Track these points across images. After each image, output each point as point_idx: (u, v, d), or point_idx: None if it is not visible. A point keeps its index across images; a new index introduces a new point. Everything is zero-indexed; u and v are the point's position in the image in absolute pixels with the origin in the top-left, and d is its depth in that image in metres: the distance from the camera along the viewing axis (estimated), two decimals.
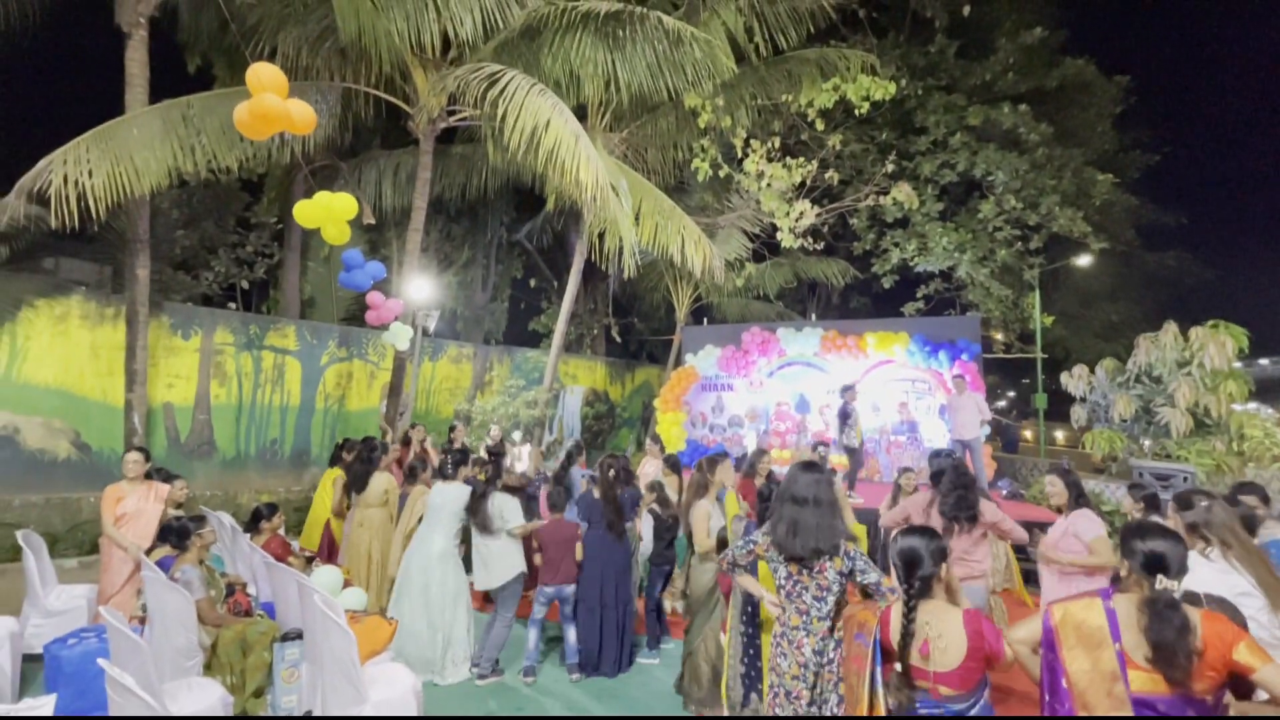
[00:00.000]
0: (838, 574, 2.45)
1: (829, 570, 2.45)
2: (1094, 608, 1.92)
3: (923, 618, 2.08)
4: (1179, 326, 8.03)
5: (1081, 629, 1.90)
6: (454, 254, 13.98)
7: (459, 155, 11.02)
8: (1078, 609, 1.94)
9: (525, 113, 6.14)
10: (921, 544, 2.14)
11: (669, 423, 11.47)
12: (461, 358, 11.99)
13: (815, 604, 2.45)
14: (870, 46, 11.78)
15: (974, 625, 2.04)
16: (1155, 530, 1.93)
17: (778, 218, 10.61)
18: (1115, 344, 12.85)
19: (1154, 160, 14.99)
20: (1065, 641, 1.91)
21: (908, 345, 10.69)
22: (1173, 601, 1.80)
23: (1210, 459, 7.43)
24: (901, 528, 2.30)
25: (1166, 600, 1.80)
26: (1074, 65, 13.21)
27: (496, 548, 4.22)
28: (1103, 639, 1.87)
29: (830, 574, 2.45)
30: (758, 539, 2.64)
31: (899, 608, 2.14)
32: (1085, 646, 1.89)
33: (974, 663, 2.03)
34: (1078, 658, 1.89)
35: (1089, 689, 1.86)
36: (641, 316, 17.40)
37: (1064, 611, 1.95)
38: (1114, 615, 1.88)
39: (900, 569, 2.14)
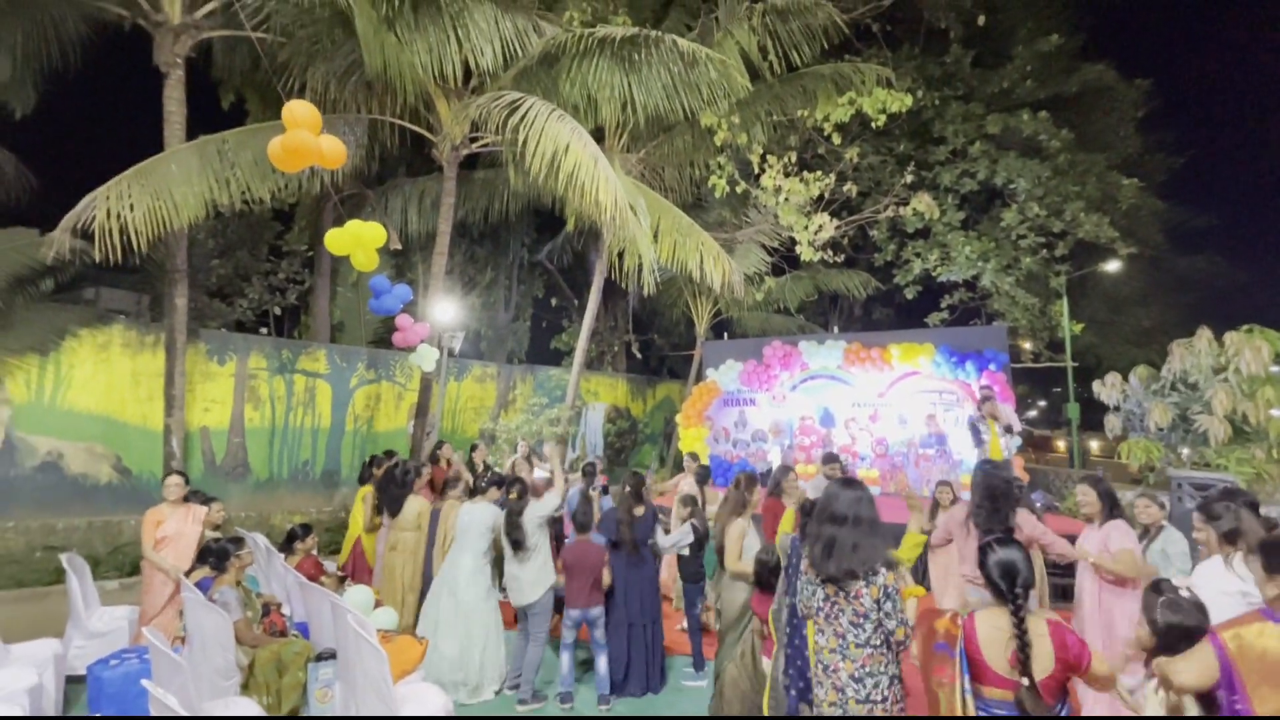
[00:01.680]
0: (874, 601, 2.34)
1: (865, 596, 2.35)
2: (1269, 632, 1.70)
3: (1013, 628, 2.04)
4: (1213, 331, 7.82)
5: (1265, 660, 1.67)
6: (477, 276, 14.23)
7: (481, 180, 11.28)
8: (1252, 635, 1.72)
9: (545, 138, 6.30)
10: (1018, 555, 2.13)
11: (692, 438, 11.44)
12: (485, 377, 12.14)
13: (852, 629, 2.35)
14: (885, 59, 11.84)
15: (1059, 636, 2.01)
16: None
17: (796, 231, 10.64)
18: (1148, 350, 12.53)
19: (1179, 162, 14.75)
20: (1248, 678, 1.67)
21: (933, 356, 10.54)
22: None
23: (1250, 467, 7.18)
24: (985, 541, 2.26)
25: None
26: (1093, 70, 13.09)
27: (531, 564, 4.26)
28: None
29: (867, 600, 2.34)
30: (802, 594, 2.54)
31: (987, 617, 2.11)
32: (1272, 682, 1.64)
33: (1059, 673, 1.99)
34: (1266, 696, 1.64)
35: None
36: (661, 332, 17.46)
37: (1238, 640, 1.74)
38: None
39: (1002, 581, 2.11)
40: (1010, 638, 2.01)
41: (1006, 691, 2.01)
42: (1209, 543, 2.76)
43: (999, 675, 2.02)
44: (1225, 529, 2.60)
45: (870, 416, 10.84)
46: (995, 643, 2.05)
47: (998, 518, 3.48)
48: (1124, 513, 3.49)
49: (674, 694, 4.34)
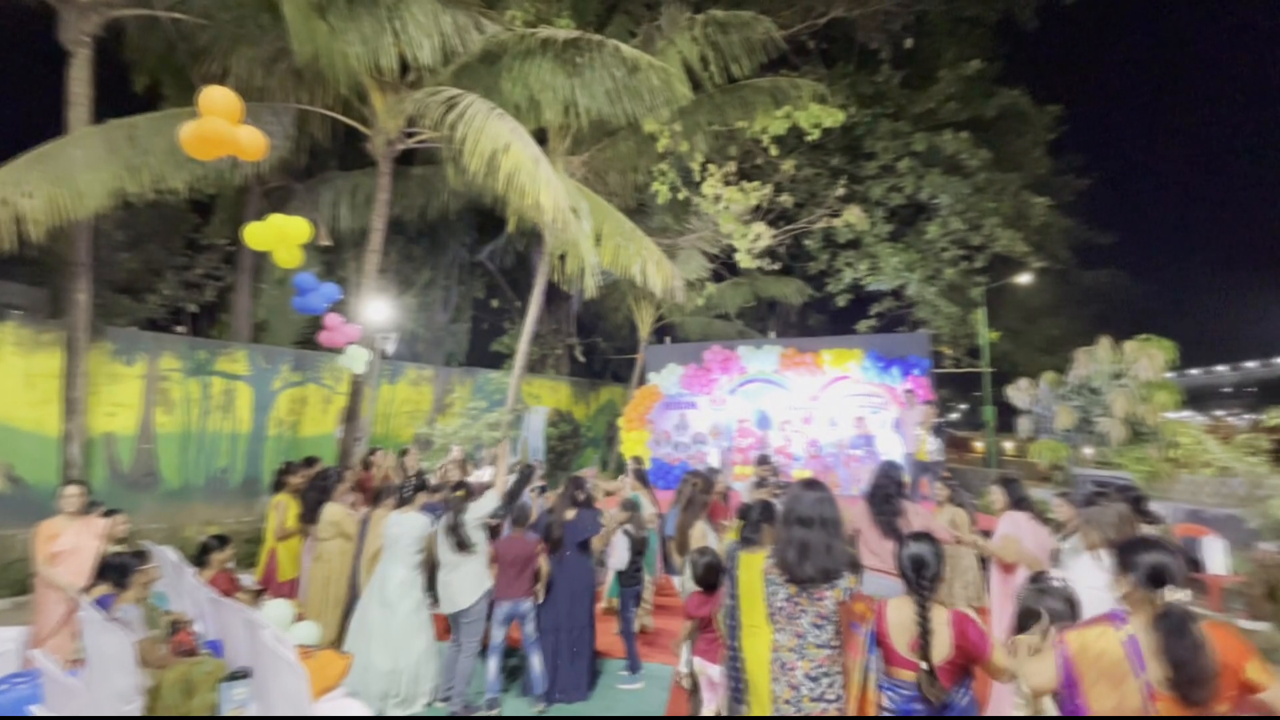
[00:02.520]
0: (837, 603, 2.42)
1: (829, 599, 2.42)
2: (1108, 636, 1.80)
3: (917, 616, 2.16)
4: (1113, 340, 8.52)
5: (1102, 661, 1.76)
6: (414, 275, 13.82)
7: (418, 176, 10.97)
8: (1094, 638, 1.82)
9: (485, 136, 6.20)
10: (928, 550, 2.25)
11: (633, 441, 11.50)
12: (421, 380, 11.80)
13: (813, 630, 2.41)
14: (820, 76, 12.27)
15: (960, 625, 2.13)
16: (1151, 542, 1.89)
17: (735, 239, 10.89)
18: (1057, 357, 13.50)
19: (1085, 184, 15.95)
20: (1085, 677, 1.77)
21: (862, 361, 11.01)
22: (1184, 614, 1.70)
23: (1146, 465, 7.86)
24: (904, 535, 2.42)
25: (1178, 614, 1.70)
26: (1009, 95, 13.99)
27: (467, 568, 4.16)
28: (1124, 672, 1.73)
29: (830, 603, 2.42)
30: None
31: (898, 604, 2.24)
32: (1108, 682, 1.74)
33: (959, 659, 2.12)
34: (1101, 695, 1.74)
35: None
36: (605, 336, 17.46)
37: (1081, 641, 1.84)
38: (1135, 644, 1.75)
39: (912, 573, 2.23)
40: (914, 624, 2.14)
41: (909, 673, 2.15)
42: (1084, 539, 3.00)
43: (903, 658, 2.16)
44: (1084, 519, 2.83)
45: (804, 419, 11.19)
46: (901, 628, 2.19)
47: (886, 513, 3.72)
48: (1029, 507, 3.75)
49: (609, 698, 4.33)
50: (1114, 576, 1.88)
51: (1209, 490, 7.68)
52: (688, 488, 4.35)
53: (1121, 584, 1.85)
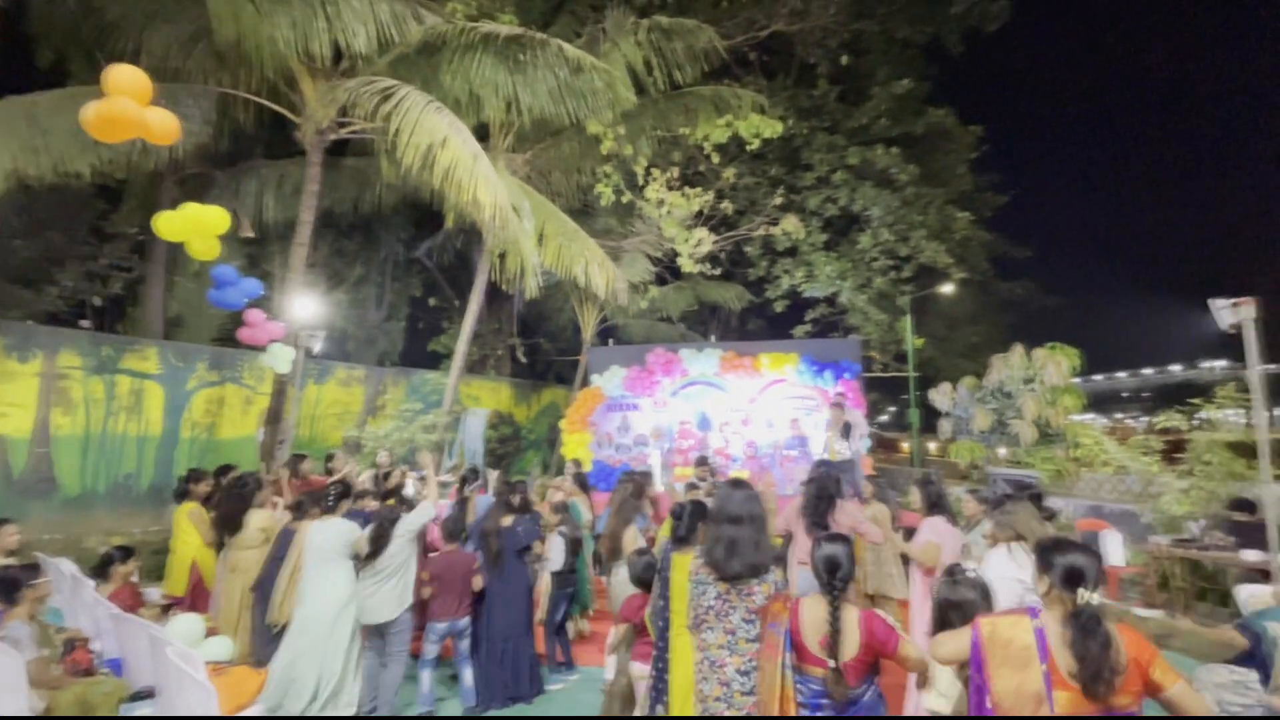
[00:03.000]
0: (766, 598, 2.46)
1: (759, 594, 2.46)
2: (1022, 625, 1.91)
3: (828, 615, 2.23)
4: (1025, 347, 9.12)
5: (1010, 647, 1.87)
6: (345, 271, 13.29)
7: (351, 168, 10.56)
8: (1006, 626, 1.92)
9: (421, 129, 6.04)
10: (841, 551, 2.32)
11: (575, 443, 11.43)
12: (351, 380, 11.35)
13: (744, 625, 2.45)
14: (761, 87, 12.60)
15: (867, 623, 2.22)
16: (1070, 544, 1.96)
17: (678, 244, 11.03)
18: (976, 363, 14.34)
19: (1003, 201, 16.99)
20: (992, 659, 1.88)
21: (797, 365, 11.35)
22: (1096, 615, 1.80)
23: (1052, 465, 8.45)
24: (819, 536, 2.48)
25: (1090, 614, 1.81)
26: (937, 114, 14.77)
27: (393, 580, 4.01)
28: (1030, 658, 1.84)
29: (759, 597, 2.46)
30: None
31: (811, 604, 2.30)
32: (1012, 666, 1.85)
33: (866, 656, 2.20)
34: (1004, 677, 1.85)
35: (1014, 708, 1.82)
36: (548, 337, 17.29)
37: (993, 627, 1.93)
38: (1042, 634, 1.87)
39: (825, 573, 2.29)
40: (825, 622, 2.22)
41: (819, 669, 2.22)
42: (996, 534, 3.21)
43: (814, 655, 2.24)
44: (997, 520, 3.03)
45: (743, 421, 11.42)
46: (814, 626, 2.26)
47: (820, 513, 3.88)
48: (945, 509, 3.97)
49: (545, 701, 4.30)
50: (1034, 575, 1.98)
51: (1108, 487, 8.34)
52: (621, 491, 4.36)
53: (1040, 583, 1.95)
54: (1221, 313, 4.96)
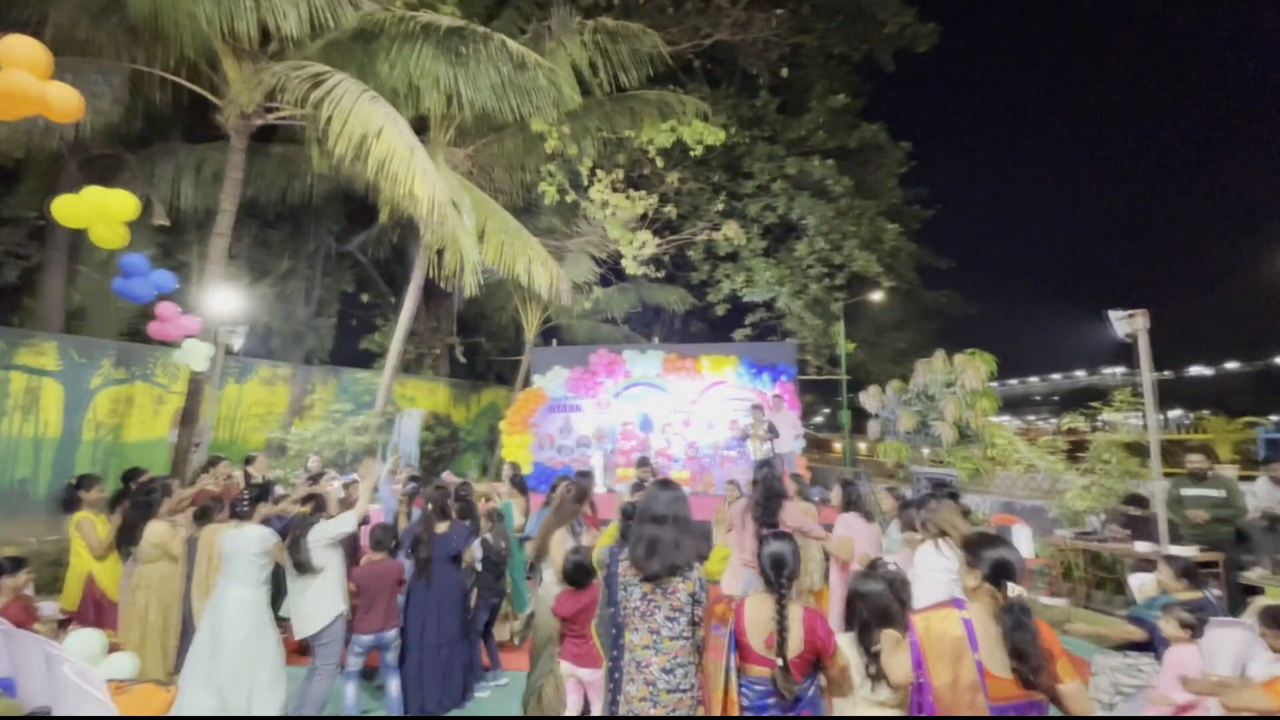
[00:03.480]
0: (689, 595, 2.46)
1: (681, 591, 2.46)
2: (952, 618, 1.96)
3: (774, 613, 2.25)
4: (947, 353, 9.65)
5: (944, 641, 1.93)
6: (271, 263, 12.60)
7: (278, 156, 10.04)
8: (938, 620, 1.98)
9: (354, 118, 5.81)
10: (787, 549, 2.35)
11: (515, 445, 11.27)
12: (276, 379, 10.78)
13: (667, 624, 2.45)
14: (705, 95, 12.83)
15: (810, 621, 2.25)
16: (998, 540, 2.02)
17: (622, 245, 11.07)
18: (903, 367, 15.07)
19: (929, 214, 17.95)
20: (930, 655, 1.93)
21: (737, 367, 11.61)
22: (1026, 607, 1.87)
23: (970, 463, 8.97)
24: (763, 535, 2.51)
25: (1021, 606, 1.87)
26: (870, 129, 15.46)
27: (316, 589, 3.84)
28: (963, 650, 1.89)
29: (683, 595, 2.46)
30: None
31: (755, 602, 2.32)
32: (947, 660, 1.90)
33: (808, 654, 2.24)
34: (941, 672, 1.90)
35: (953, 704, 1.88)
36: (489, 336, 16.96)
37: (926, 624, 1.99)
38: (970, 625, 1.92)
39: (771, 571, 2.31)
40: (770, 621, 2.25)
41: (764, 669, 2.25)
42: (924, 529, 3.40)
43: (758, 655, 2.26)
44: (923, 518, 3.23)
45: (684, 422, 11.57)
46: (758, 625, 2.29)
47: (768, 512, 3.99)
48: (860, 507, 4.17)
49: (472, 708, 4.22)
50: (963, 569, 2.06)
51: (1020, 485, 8.92)
52: (558, 492, 4.34)
53: (970, 576, 2.00)
54: (1118, 323, 5.41)
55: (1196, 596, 3.44)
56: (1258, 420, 9.95)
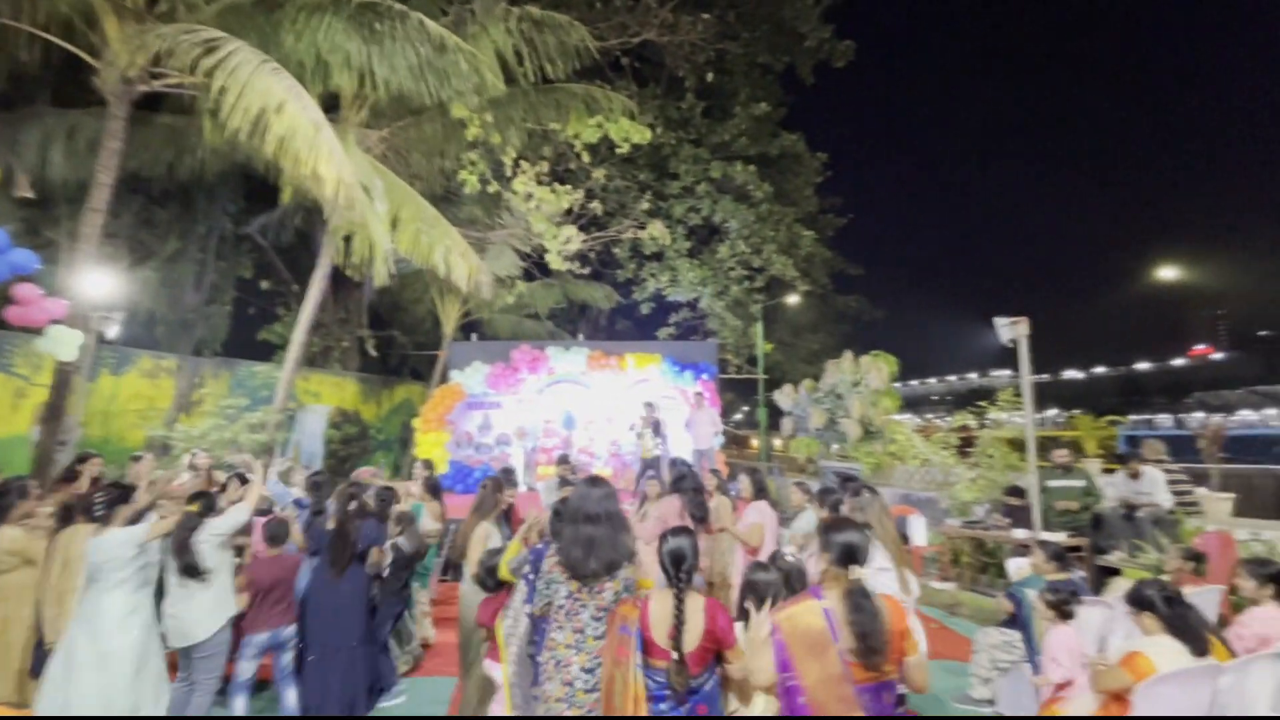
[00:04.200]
0: (615, 594, 2.44)
1: (609, 590, 2.44)
2: (813, 610, 1.97)
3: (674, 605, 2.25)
4: (854, 355, 10.17)
5: (809, 635, 1.94)
6: (155, 244, 11.49)
7: (166, 126, 9.16)
8: (801, 613, 1.99)
9: (252, 90, 5.38)
10: (687, 543, 2.37)
11: (430, 443, 10.86)
12: (160, 371, 9.87)
13: (592, 623, 2.41)
14: (632, 93, 12.86)
15: (711, 611, 2.27)
16: (847, 524, 2.10)
17: (546, 240, 10.90)
18: (816, 367, 15.76)
19: (842, 223, 18.87)
20: (796, 653, 1.93)
21: (661, 365, 11.75)
22: (865, 590, 1.93)
23: (873, 458, 9.50)
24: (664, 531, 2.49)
25: (860, 589, 1.93)
26: (790, 138, 16.05)
27: (204, 595, 3.52)
28: (826, 641, 1.91)
29: (609, 594, 2.43)
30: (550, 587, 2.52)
31: (659, 597, 2.31)
32: (814, 654, 1.91)
33: (708, 645, 2.24)
34: (810, 669, 1.90)
35: (825, 699, 1.88)
36: (404, 329, 16.24)
37: (790, 621, 1.99)
38: (830, 615, 1.94)
39: (671, 566, 2.31)
40: (671, 614, 2.26)
41: (665, 662, 2.25)
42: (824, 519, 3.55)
43: (661, 648, 2.26)
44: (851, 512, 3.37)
45: (607, 419, 11.56)
46: (661, 619, 2.29)
47: (700, 507, 4.08)
48: (767, 495, 4.34)
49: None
50: (818, 554, 2.13)
51: (917, 478, 9.54)
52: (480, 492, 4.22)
53: (821, 560, 2.07)
54: (1002, 329, 5.88)
55: (1064, 578, 3.80)
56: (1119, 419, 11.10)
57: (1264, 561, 3.32)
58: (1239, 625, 3.19)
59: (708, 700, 2.28)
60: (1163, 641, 2.64)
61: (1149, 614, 2.72)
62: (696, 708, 2.24)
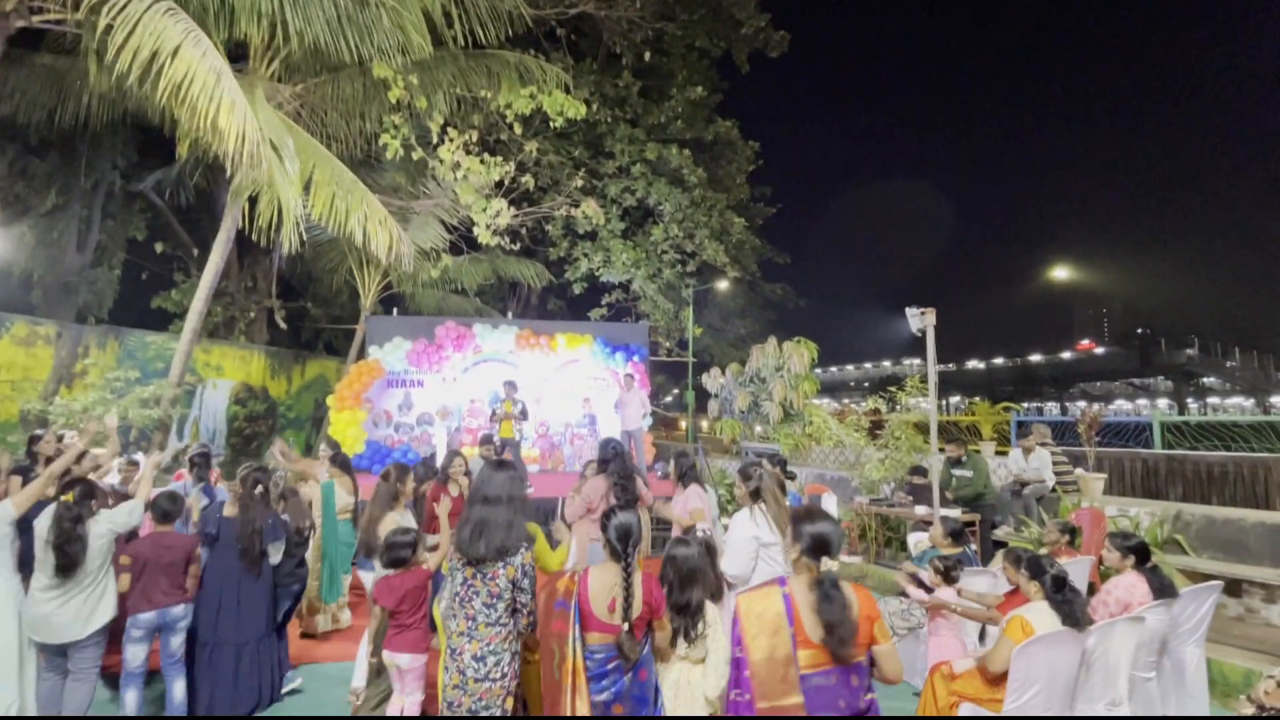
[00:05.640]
0: (509, 581, 2.42)
1: (501, 577, 2.42)
2: (773, 595, 2.04)
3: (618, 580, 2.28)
4: (778, 340, 10.48)
5: (763, 618, 2.00)
6: (32, 198, 10.30)
7: (45, 68, 8.18)
8: (760, 598, 2.06)
9: (143, 31, 4.84)
10: (633, 520, 2.40)
11: (345, 422, 10.36)
12: (36, 339, 8.88)
13: (484, 610, 2.39)
14: (568, 67, 12.55)
15: (648, 584, 2.34)
16: (819, 515, 2.13)
17: (475, 212, 10.52)
18: (743, 352, 16.17)
19: (771, 212, 19.29)
20: (748, 631, 2.00)
21: (592, 346, 11.69)
22: (835, 581, 1.98)
23: (792, 440, 9.88)
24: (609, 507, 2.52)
25: (831, 580, 1.98)
26: (724, 125, 16.18)
27: (85, 594, 3.21)
28: (780, 625, 1.97)
29: (502, 580, 2.42)
30: None
31: (598, 571, 2.35)
32: (766, 633, 1.98)
33: (645, 615, 2.31)
34: (760, 646, 1.97)
35: (767, 678, 1.95)
36: (317, 301, 15.33)
37: (749, 603, 2.05)
38: (790, 600, 2.01)
39: (618, 541, 2.34)
40: (615, 587, 2.31)
41: (606, 635, 2.29)
42: (740, 497, 3.64)
43: (600, 622, 2.30)
44: (752, 488, 3.45)
45: (536, 399, 11.43)
46: (602, 593, 2.33)
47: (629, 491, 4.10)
48: (696, 478, 4.42)
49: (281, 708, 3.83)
50: (788, 543, 2.19)
51: (831, 458, 10.02)
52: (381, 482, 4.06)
53: (791, 550, 2.12)
54: (913, 319, 6.20)
55: (957, 551, 4.11)
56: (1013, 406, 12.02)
57: (1127, 535, 3.69)
58: (1103, 593, 3.55)
59: (646, 665, 2.36)
60: (1041, 608, 2.90)
61: (1037, 583, 2.97)
62: (639, 673, 2.31)
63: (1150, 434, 8.36)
